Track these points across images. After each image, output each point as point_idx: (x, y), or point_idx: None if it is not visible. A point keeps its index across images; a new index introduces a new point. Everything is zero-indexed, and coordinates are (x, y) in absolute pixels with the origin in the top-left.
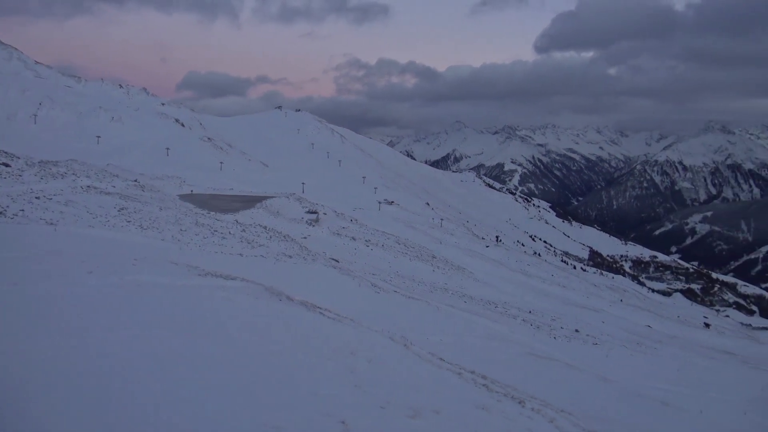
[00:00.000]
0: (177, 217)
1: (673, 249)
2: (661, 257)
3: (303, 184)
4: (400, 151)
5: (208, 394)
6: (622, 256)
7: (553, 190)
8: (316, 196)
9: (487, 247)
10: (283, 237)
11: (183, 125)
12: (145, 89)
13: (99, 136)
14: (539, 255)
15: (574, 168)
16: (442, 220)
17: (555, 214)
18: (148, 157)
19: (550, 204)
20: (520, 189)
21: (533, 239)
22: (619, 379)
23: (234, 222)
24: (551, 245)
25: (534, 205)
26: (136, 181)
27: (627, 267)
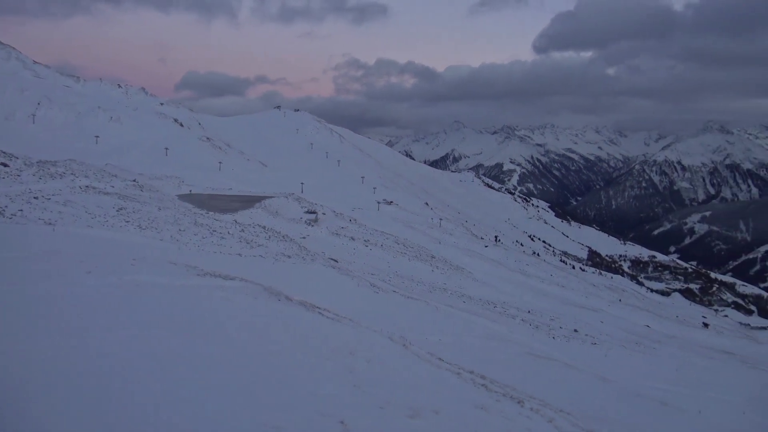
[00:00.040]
0: (176, 217)
1: (672, 249)
2: (660, 257)
3: (302, 184)
4: (399, 151)
5: (207, 394)
6: (620, 256)
7: (551, 190)
8: (315, 196)
9: (486, 247)
10: (282, 237)
11: (182, 125)
12: (143, 89)
13: (97, 136)
14: (538, 255)
15: (573, 168)
16: (441, 220)
17: (554, 214)
18: (146, 157)
19: (548, 204)
20: (518, 189)
21: (532, 239)
22: (617, 379)
23: (233, 222)
24: (550, 245)
25: (533, 205)
26: (134, 181)
27: (626, 267)
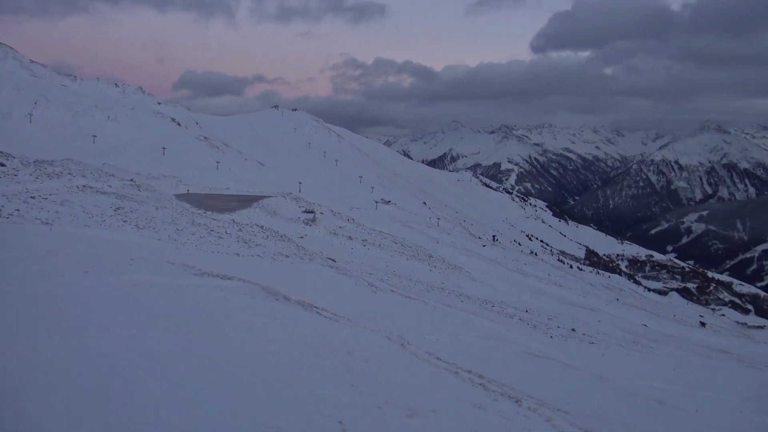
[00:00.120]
0: (173, 216)
1: (669, 248)
2: (657, 256)
3: (300, 183)
4: (397, 151)
5: (206, 394)
6: (618, 255)
7: (549, 189)
8: (313, 195)
9: (483, 246)
10: (280, 236)
11: (179, 124)
12: (141, 88)
13: (95, 136)
14: (536, 254)
15: (571, 167)
16: (438, 219)
17: (551, 213)
18: (144, 157)
19: (546, 203)
20: (516, 188)
21: (530, 238)
22: (615, 378)
23: (231, 221)
24: (548, 244)
25: (530, 204)
26: (132, 180)
27: (623, 266)
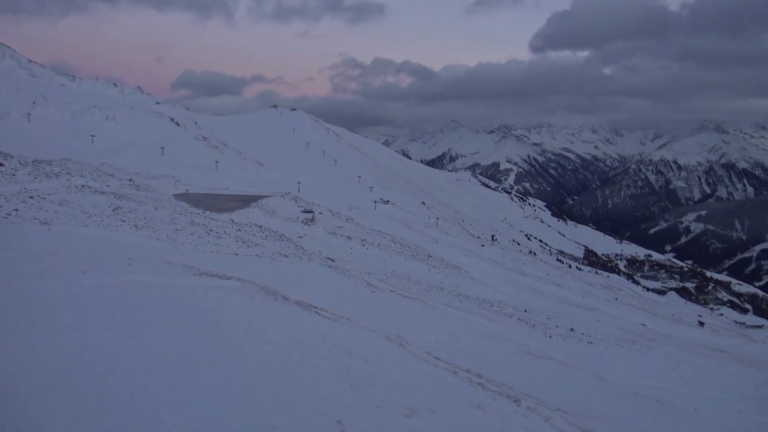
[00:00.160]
0: (172, 216)
1: (668, 248)
2: (656, 256)
3: (299, 183)
4: (396, 151)
5: (204, 395)
6: (617, 255)
7: (548, 189)
8: (312, 195)
9: (482, 246)
10: (279, 236)
11: (178, 124)
12: (139, 88)
13: (93, 135)
14: (534, 254)
15: (570, 167)
16: (437, 219)
17: (550, 213)
18: (142, 157)
19: (545, 203)
20: (515, 188)
21: (529, 238)
22: (614, 378)
23: (229, 221)
24: (546, 244)
25: (529, 204)
26: (130, 180)
27: (622, 266)
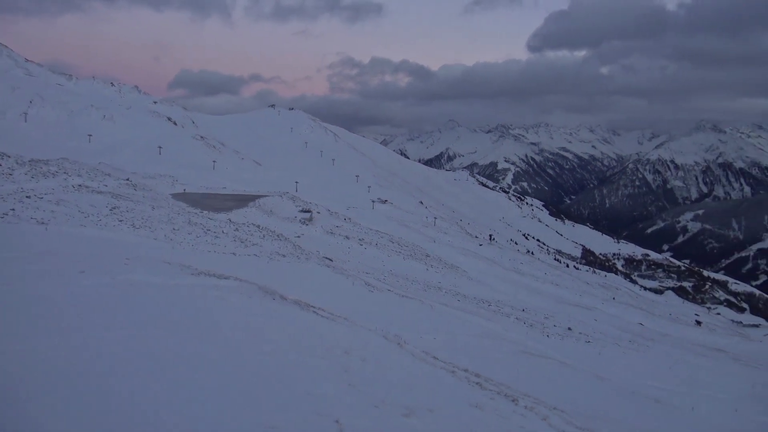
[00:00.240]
0: (169, 216)
1: (665, 247)
2: (653, 255)
3: (296, 182)
4: (394, 150)
5: (203, 394)
6: (614, 255)
7: (546, 188)
8: (310, 194)
9: (480, 245)
10: (277, 236)
11: (175, 124)
12: (137, 87)
13: (90, 135)
14: (532, 253)
15: (567, 167)
16: (435, 218)
17: (548, 212)
18: (140, 156)
19: (543, 202)
20: (513, 188)
21: (526, 238)
22: (611, 377)
23: (227, 221)
24: (544, 243)
25: (527, 203)
26: (128, 179)
27: (619, 265)
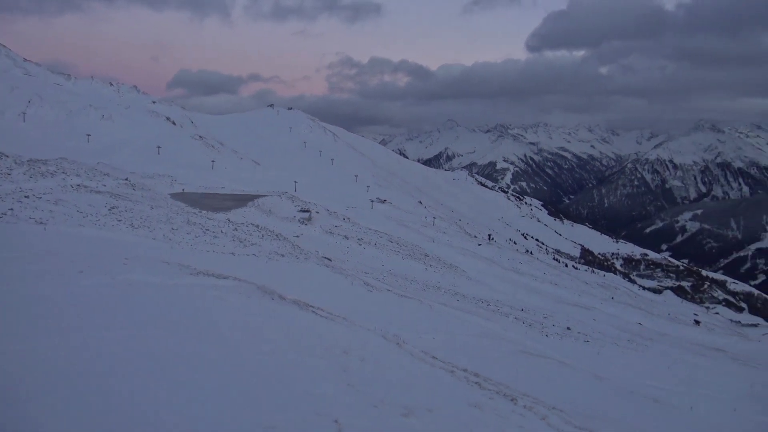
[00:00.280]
0: (168, 215)
1: (664, 247)
2: (652, 255)
3: (295, 182)
4: (393, 150)
5: (203, 394)
6: (613, 254)
7: (545, 188)
8: (309, 194)
9: (479, 245)
10: (276, 236)
11: (174, 123)
12: (135, 87)
13: (89, 135)
14: (531, 253)
15: (566, 166)
16: (434, 218)
17: (547, 212)
18: (138, 156)
19: (542, 202)
20: (512, 187)
21: (525, 237)
22: (610, 377)
23: (226, 221)
24: (543, 243)
25: (526, 203)
26: (126, 179)
27: (618, 265)
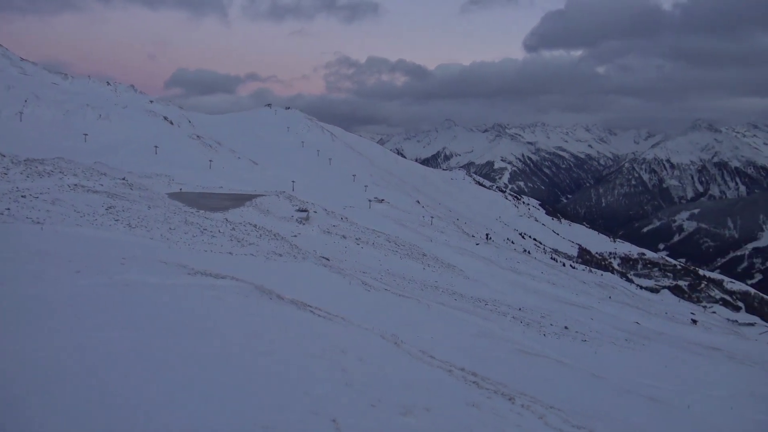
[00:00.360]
0: (166, 215)
1: (661, 246)
2: (649, 254)
3: (293, 182)
4: (390, 150)
5: (201, 394)
6: (610, 254)
7: (542, 188)
8: (306, 194)
9: (477, 245)
10: (273, 235)
11: (171, 123)
12: (133, 87)
13: (86, 134)
14: (529, 252)
15: (564, 166)
16: (432, 218)
17: (544, 211)
18: (136, 156)
19: (539, 202)
20: (509, 187)
21: (523, 237)
22: (608, 376)
23: (223, 220)
24: (541, 243)
25: (524, 202)
26: (124, 179)
27: (615, 264)
